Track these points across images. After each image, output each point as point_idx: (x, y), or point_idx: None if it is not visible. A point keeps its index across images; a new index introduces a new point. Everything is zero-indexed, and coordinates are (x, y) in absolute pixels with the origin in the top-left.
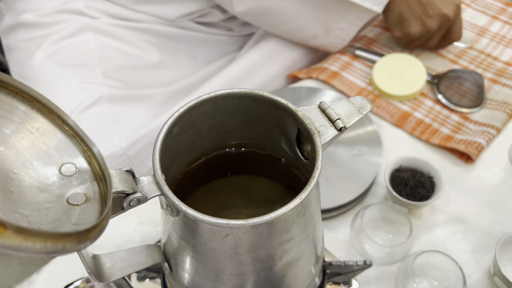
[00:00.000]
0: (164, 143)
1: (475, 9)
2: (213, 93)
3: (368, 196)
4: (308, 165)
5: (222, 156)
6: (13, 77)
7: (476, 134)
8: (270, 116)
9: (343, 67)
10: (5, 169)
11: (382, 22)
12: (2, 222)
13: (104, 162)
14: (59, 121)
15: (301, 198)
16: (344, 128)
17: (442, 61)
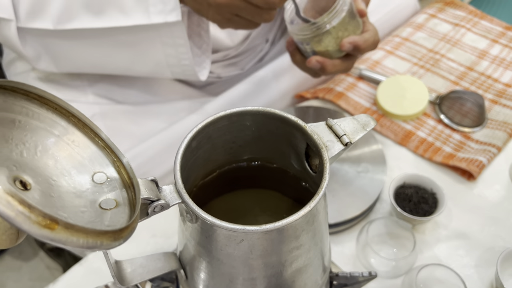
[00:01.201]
0: (184, 156)
1: (476, 33)
2: (229, 110)
3: (373, 212)
4: (316, 178)
5: (235, 170)
6: (53, 94)
7: (477, 153)
8: (281, 132)
9: (348, 87)
10: (46, 176)
11: (385, 45)
12: (56, 219)
13: (133, 171)
14: (92, 134)
15: (310, 207)
16: (350, 143)
17: (444, 82)
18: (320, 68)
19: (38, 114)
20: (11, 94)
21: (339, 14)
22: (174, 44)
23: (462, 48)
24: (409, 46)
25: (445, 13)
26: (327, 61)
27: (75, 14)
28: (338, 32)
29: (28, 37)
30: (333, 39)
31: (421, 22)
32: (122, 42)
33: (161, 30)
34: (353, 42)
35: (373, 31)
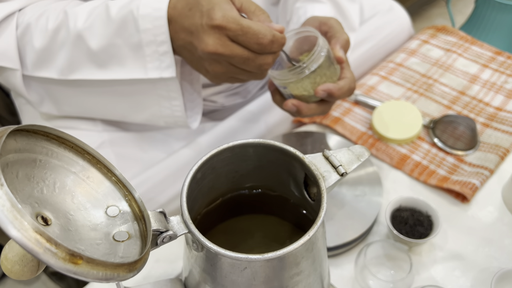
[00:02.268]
0: (190, 187)
1: (467, 58)
2: (232, 143)
3: (371, 234)
4: (315, 206)
5: (237, 197)
6: (70, 135)
7: (470, 175)
8: (280, 162)
9: (344, 112)
10: (64, 211)
11: (380, 70)
12: (79, 254)
13: (143, 204)
14: (105, 170)
15: (309, 235)
16: (345, 173)
17: (437, 107)
18: (296, 111)
19: (57, 153)
20: (33, 136)
21: (316, 61)
22: (169, 97)
23: (454, 73)
24: (403, 72)
25: (437, 39)
26: (303, 104)
27: (79, 67)
28: (316, 77)
29: (32, 83)
30: (309, 84)
31: (414, 48)
32: (120, 92)
33: (157, 84)
34: (327, 90)
35: (349, 78)
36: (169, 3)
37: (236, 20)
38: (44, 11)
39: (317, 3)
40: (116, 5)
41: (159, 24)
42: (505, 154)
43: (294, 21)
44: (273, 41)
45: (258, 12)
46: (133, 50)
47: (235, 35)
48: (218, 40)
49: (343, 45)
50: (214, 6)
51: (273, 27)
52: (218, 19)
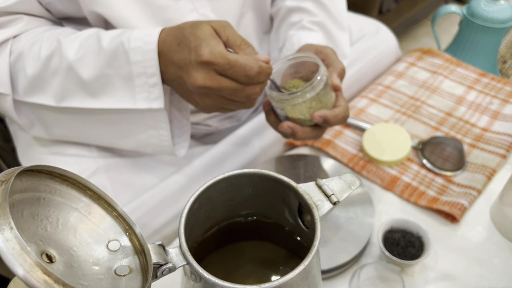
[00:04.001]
0: (187, 218)
1: (453, 80)
2: (227, 173)
3: (364, 256)
4: (309, 233)
5: (233, 225)
6: (73, 173)
7: (459, 196)
8: (275, 191)
9: (335, 135)
10: (68, 247)
11: (369, 93)
12: None
13: (144, 238)
14: (106, 205)
15: (304, 265)
16: (338, 202)
17: (425, 128)
18: (290, 133)
19: (60, 190)
20: (37, 175)
21: (315, 88)
22: (156, 127)
23: (441, 95)
24: (391, 94)
25: (423, 62)
26: (298, 127)
27: (71, 95)
28: (312, 102)
29: (23, 108)
30: (306, 108)
31: (402, 70)
32: (109, 120)
33: (145, 114)
34: (323, 116)
35: (344, 107)
36: (159, 37)
37: (223, 55)
38: (38, 39)
39: (310, 31)
40: (107, 36)
41: (149, 57)
42: (492, 174)
43: (288, 48)
44: (259, 72)
45: (244, 45)
46: (123, 81)
47: (223, 69)
48: (207, 75)
49: (339, 74)
50: (202, 42)
51: (259, 59)
52: (206, 55)
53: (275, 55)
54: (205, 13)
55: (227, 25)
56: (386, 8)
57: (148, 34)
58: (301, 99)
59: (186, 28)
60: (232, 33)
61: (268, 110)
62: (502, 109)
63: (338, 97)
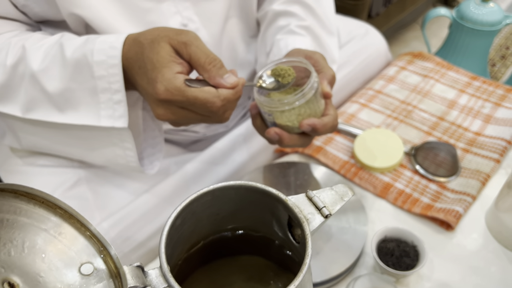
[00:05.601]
0: (168, 235)
1: (444, 84)
2: (212, 186)
3: (357, 266)
4: (300, 248)
5: (219, 239)
6: (40, 190)
7: (454, 202)
8: (263, 203)
9: (326, 141)
10: (34, 273)
11: (360, 98)
12: None
13: (119, 261)
14: (79, 224)
15: (294, 285)
16: (330, 215)
17: (418, 133)
18: (277, 140)
19: (26, 210)
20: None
21: (306, 95)
22: (123, 147)
23: (432, 99)
24: (382, 99)
25: (414, 65)
26: (285, 134)
27: (37, 106)
28: (301, 109)
29: None
30: (294, 115)
31: (393, 75)
32: (77, 135)
33: (110, 132)
34: (312, 124)
35: (333, 116)
36: (122, 51)
37: (181, 92)
38: (5, 45)
39: (298, 36)
40: (71, 45)
41: (113, 72)
42: (486, 180)
43: (275, 53)
44: (224, 104)
45: (208, 65)
46: (88, 96)
47: (183, 105)
48: (168, 110)
49: (330, 81)
50: (157, 76)
51: (225, 85)
52: (162, 94)
53: (262, 59)
54: (188, 16)
55: (190, 40)
56: (375, 12)
57: (111, 47)
58: (290, 106)
59: (145, 47)
60: (195, 50)
61: (255, 114)
62: (495, 112)
63: (328, 105)
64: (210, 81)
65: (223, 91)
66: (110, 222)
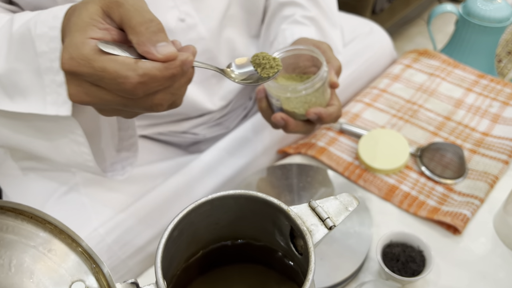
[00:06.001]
0: (165, 248)
1: (450, 82)
2: (210, 196)
3: (362, 272)
4: (302, 260)
5: (219, 249)
6: (28, 205)
7: (461, 205)
8: (264, 213)
9: (330, 142)
10: None
11: (364, 97)
12: None
13: (112, 280)
14: (70, 240)
15: None
16: (334, 226)
17: (424, 133)
18: (282, 125)
19: (13, 226)
20: None
21: (315, 84)
22: (76, 142)
23: (439, 98)
24: (387, 98)
25: (420, 63)
26: (291, 120)
27: None
28: (308, 97)
29: None
30: (301, 103)
31: (398, 73)
32: (37, 128)
33: (59, 122)
34: (318, 113)
35: (337, 106)
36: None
37: (87, 61)
38: None
39: (303, 26)
40: (20, 19)
41: (54, 47)
42: (494, 182)
43: (280, 42)
44: (144, 82)
45: (140, 27)
46: (34, 78)
47: (93, 80)
48: (80, 88)
49: (336, 71)
50: (66, 42)
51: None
52: (65, 63)
53: (265, 50)
54: (186, 10)
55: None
56: (379, 7)
57: (54, 17)
58: (298, 94)
59: (75, 11)
60: (128, 9)
61: (262, 97)
62: (503, 112)
63: (333, 95)
64: (139, 48)
65: (146, 63)
66: (107, 228)
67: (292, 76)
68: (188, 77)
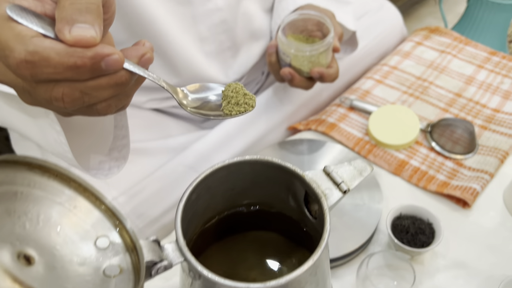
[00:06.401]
0: (184, 210)
1: (462, 59)
2: (227, 161)
3: (371, 244)
4: (316, 224)
5: (234, 215)
6: (54, 163)
7: (471, 180)
8: (279, 179)
9: (340, 118)
10: (50, 246)
11: (375, 74)
12: None
13: (135, 234)
14: (93, 198)
15: (313, 260)
16: (348, 190)
17: (434, 110)
18: (289, 79)
19: (40, 183)
20: (12, 167)
21: (322, 47)
22: (55, 130)
23: (450, 75)
24: (398, 75)
25: (430, 40)
26: (297, 76)
27: None
28: (312, 57)
29: None
30: (307, 61)
31: (408, 50)
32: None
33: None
34: (320, 73)
35: (336, 68)
36: None
37: None
38: None
39: None
40: None
41: None
42: (505, 157)
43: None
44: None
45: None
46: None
47: None
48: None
49: (339, 37)
50: None
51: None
52: None
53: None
54: None
55: None
56: None
57: None
58: (309, 53)
59: None
60: None
61: (272, 52)
62: None
63: (333, 58)
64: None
65: (44, 41)
66: (125, 197)
67: (299, 37)
68: (115, 81)
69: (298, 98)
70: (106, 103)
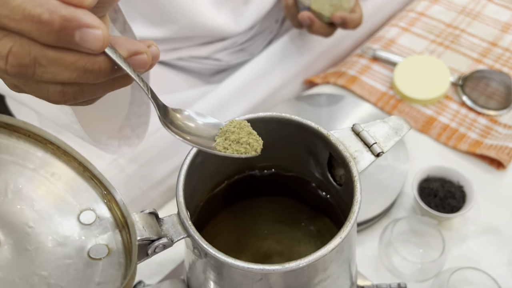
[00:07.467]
0: (187, 175)
1: (497, 4)
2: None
3: (395, 207)
4: (342, 192)
5: (245, 179)
6: (24, 121)
7: (506, 138)
8: (298, 139)
9: (361, 70)
10: (21, 223)
11: (400, 21)
12: None
13: (126, 208)
14: (76, 163)
15: (341, 238)
16: (382, 153)
17: (466, 61)
18: (308, 24)
19: (7, 145)
20: None
21: None
22: None
23: (484, 21)
24: (426, 22)
25: None
26: (316, 21)
27: None
28: (336, 0)
29: None
30: (329, 5)
31: None
32: None
33: None
34: (343, 17)
35: (360, 13)
36: None
37: None
38: None
39: None
40: None
41: None
42: None
43: None
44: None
45: None
46: None
47: None
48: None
49: None
50: None
51: None
52: None
53: None
54: None
55: None
56: None
57: None
58: None
59: None
60: None
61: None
62: None
63: (356, 2)
64: None
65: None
66: (127, 158)
67: None
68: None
69: (316, 47)
70: (62, 88)
